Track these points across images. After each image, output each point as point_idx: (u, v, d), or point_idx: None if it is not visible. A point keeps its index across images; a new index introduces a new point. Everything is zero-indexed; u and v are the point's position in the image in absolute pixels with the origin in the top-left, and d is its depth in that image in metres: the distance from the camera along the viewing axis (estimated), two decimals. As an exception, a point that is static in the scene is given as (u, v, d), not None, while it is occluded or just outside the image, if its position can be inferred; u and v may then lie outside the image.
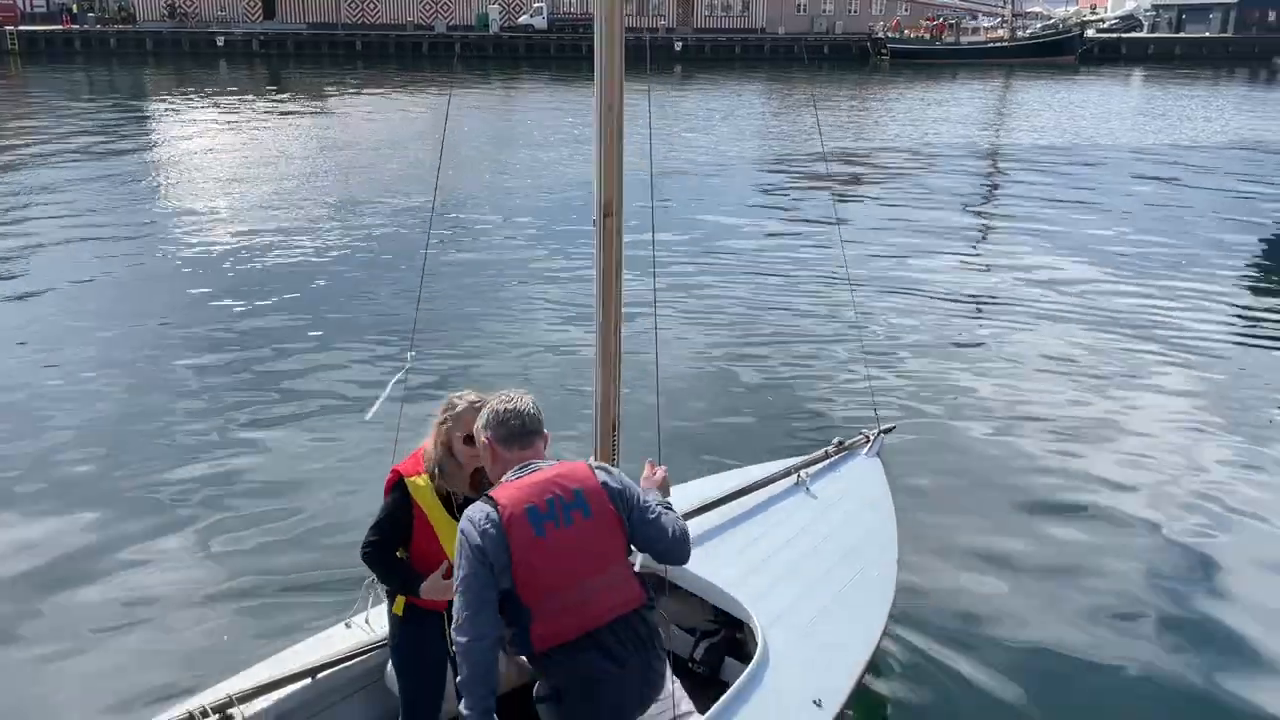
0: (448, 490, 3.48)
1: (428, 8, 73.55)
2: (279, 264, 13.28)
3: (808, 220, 16.96)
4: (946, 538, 6.46)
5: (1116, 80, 54.02)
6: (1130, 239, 15.60)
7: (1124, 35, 74.52)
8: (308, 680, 3.67)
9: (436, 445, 3.47)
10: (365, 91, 40.65)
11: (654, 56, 64.13)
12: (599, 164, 3.79)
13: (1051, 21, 69.00)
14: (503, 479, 3.11)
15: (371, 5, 73.19)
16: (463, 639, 2.87)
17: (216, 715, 3.39)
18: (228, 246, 14.21)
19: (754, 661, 3.78)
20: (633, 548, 3.16)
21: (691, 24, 74.73)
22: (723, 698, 3.60)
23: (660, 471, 3.52)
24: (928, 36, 68.53)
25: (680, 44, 66.26)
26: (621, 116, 3.82)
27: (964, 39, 70.22)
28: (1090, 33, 69.14)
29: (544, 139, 27.17)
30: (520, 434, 3.14)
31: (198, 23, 67.07)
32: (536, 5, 71.60)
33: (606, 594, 3.00)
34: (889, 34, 67.73)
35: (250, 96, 37.08)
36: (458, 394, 3.55)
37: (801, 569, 4.40)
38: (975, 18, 76.07)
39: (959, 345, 10.40)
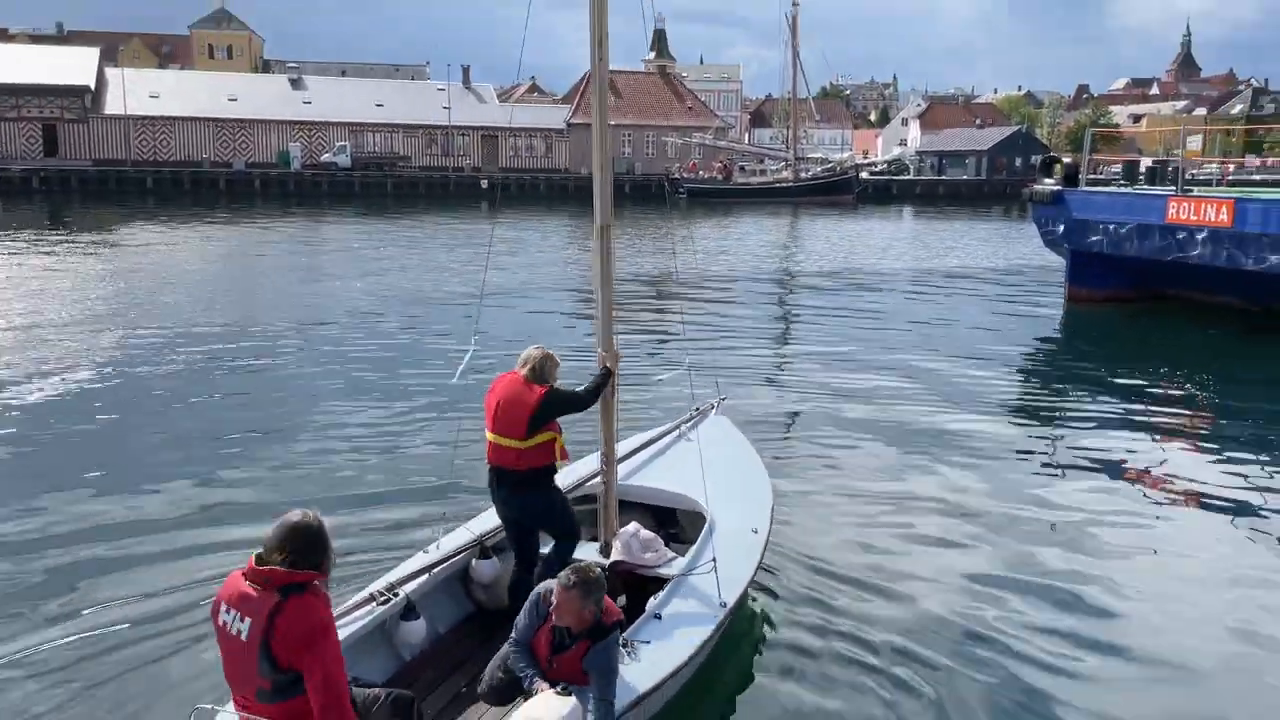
0: None
1: (225, 145, 72.18)
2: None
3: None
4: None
5: (890, 216, 58.85)
6: (910, 347, 16.74)
7: (894, 177, 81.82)
8: (426, 576, 5.43)
9: None
10: (149, 228, 39.02)
11: (461, 193, 65.09)
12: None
13: (830, 165, 74.92)
14: None
15: (164, 142, 71.16)
16: None
17: (388, 593, 5.13)
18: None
19: (708, 521, 5.99)
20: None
21: (497, 163, 76.62)
22: (698, 539, 5.81)
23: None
24: (720, 177, 73.01)
25: (486, 182, 67.54)
26: (610, 232, 5.76)
27: (752, 180, 75.13)
28: (864, 175, 75.49)
29: (350, 269, 26.75)
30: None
31: (-32, 158, 63.14)
32: (340, 144, 71.64)
33: None
34: (685, 175, 71.75)
35: (27, 233, 34.85)
36: None
37: (707, 475, 6.23)
38: (762, 161, 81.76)
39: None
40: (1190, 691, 5.93)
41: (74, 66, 71.03)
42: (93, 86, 70.18)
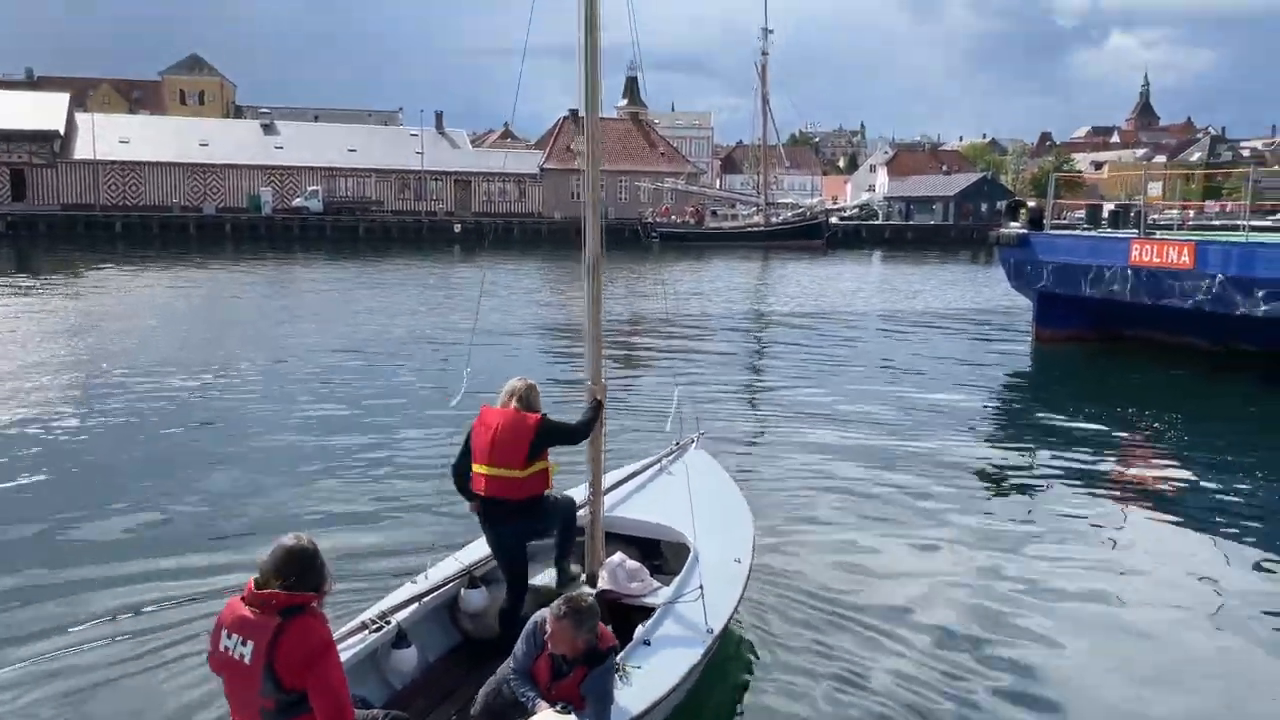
0: None
1: (195, 190, 72.03)
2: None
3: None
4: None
5: (860, 260, 59.58)
6: (882, 386, 16.97)
7: (864, 222, 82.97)
8: (416, 605, 5.52)
9: None
10: (117, 272, 38.84)
11: (432, 237, 65.24)
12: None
13: (801, 209, 75.90)
14: None
15: (134, 187, 70.91)
16: None
17: (379, 621, 5.23)
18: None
19: (692, 552, 6.13)
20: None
21: (470, 208, 76.94)
22: (683, 569, 5.93)
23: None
24: (692, 221, 73.77)
25: (458, 226, 67.76)
26: (600, 268, 6.01)
27: (724, 224, 75.95)
28: (834, 219, 76.51)
29: (322, 311, 26.72)
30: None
31: (-66, 202, 62.55)
32: (311, 189, 71.72)
33: None
34: (657, 219, 72.41)
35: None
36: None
37: (689, 509, 6.25)
38: (734, 206, 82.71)
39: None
40: None
41: (43, 111, 70.82)
42: (62, 131, 69.97)
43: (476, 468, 5.61)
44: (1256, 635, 7.12)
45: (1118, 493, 10.86)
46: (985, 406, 15.81)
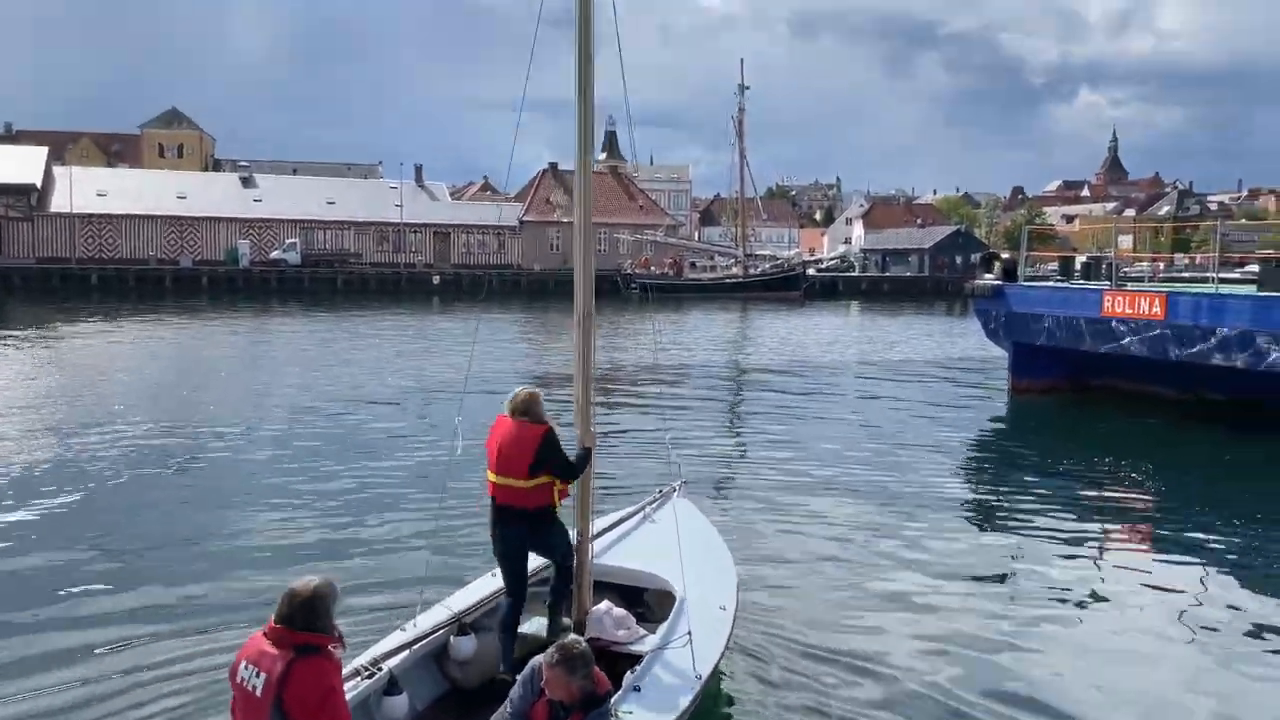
0: None
1: (172, 243, 71.87)
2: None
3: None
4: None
5: (838, 311, 60.02)
6: (860, 435, 17.00)
7: (841, 274, 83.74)
8: (407, 652, 5.53)
9: None
10: (91, 325, 38.52)
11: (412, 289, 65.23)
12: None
13: (779, 261, 76.56)
14: None
15: (110, 240, 70.69)
16: None
17: (371, 667, 5.21)
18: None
19: (678, 599, 6.22)
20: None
21: (449, 260, 77.10)
22: (669, 616, 6.02)
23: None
24: (670, 273, 74.22)
25: (438, 278, 67.83)
26: (591, 319, 6.17)
27: (703, 275, 76.47)
28: (812, 271, 77.19)
29: (296, 362, 26.57)
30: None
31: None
32: (289, 241, 71.72)
33: None
34: (637, 270, 72.76)
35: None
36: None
37: (672, 556, 6.37)
38: (712, 258, 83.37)
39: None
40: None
41: (21, 165, 70.77)
42: (39, 185, 69.86)
43: (489, 474, 5.96)
44: (1233, 673, 7.14)
45: (1097, 538, 10.91)
46: (964, 455, 15.88)
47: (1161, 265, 50.24)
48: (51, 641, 7.24)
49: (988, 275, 23.21)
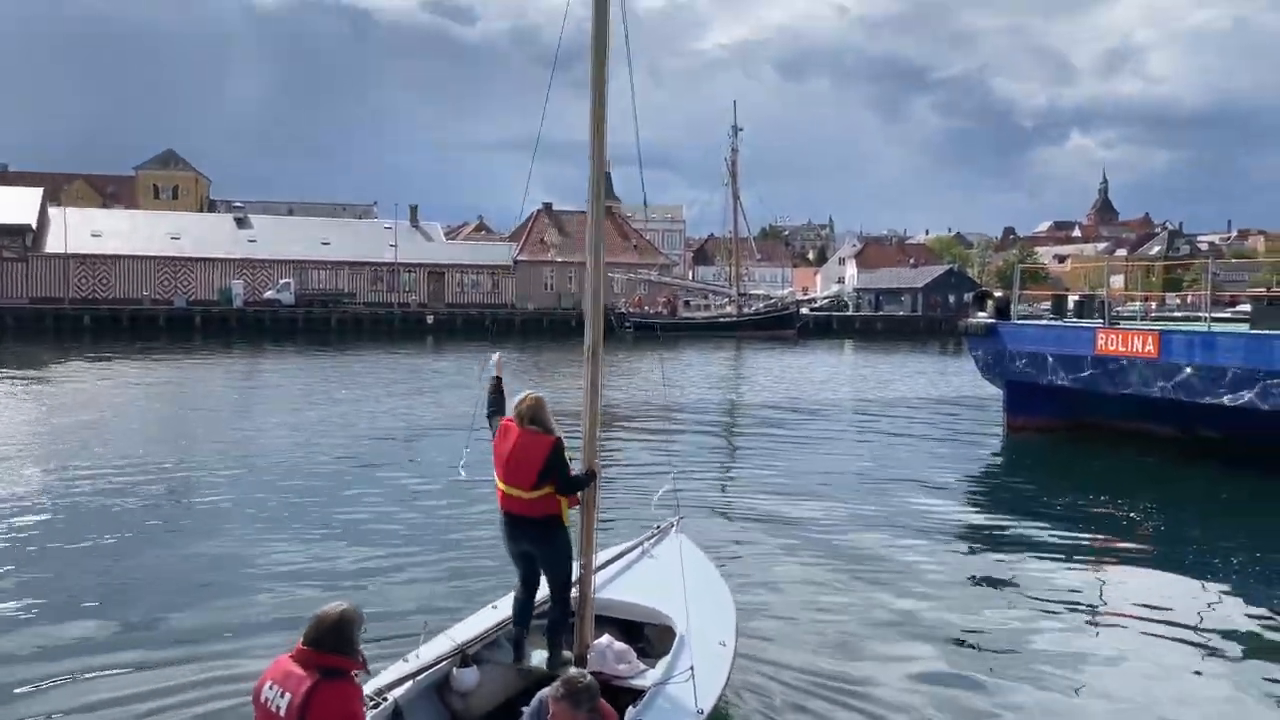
0: None
1: (166, 283, 71.90)
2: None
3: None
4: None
5: (832, 350, 60.12)
6: (856, 473, 16.94)
7: (834, 313, 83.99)
8: (410, 683, 5.55)
9: None
10: (83, 365, 38.42)
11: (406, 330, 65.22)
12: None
13: (773, 300, 76.91)
14: None
15: (104, 280, 70.70)
16: None
17: (377, 698, 5.17)
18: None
19: (678, 635, 6.20)
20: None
21: (444, 299, 77.20)
22: (670, 651, 6.02)
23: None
24: (665, 312, 74.42)
25: (432, 318, 67.87)
26: (600, 353, 6.21)
27: (697, 314, 76.68)
28: (805, 310, 77.46)
29: (286, 403, 26.46)
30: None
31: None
32: (283, 281, 71.80)
33: None
34: (630, 309, 72.95)
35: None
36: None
37: (672, 592, 6.49)
38: (706, 297, 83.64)
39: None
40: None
41: (16, 206, 70.94)
42: (34, 225, 69.99)
43: (498, 483, 6.05)
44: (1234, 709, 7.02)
45: (1093, 575, 10.88)
46: (960, 493, 15.81)
47: (1154, 304, 50.45)
48: (55, 668, 7.20)
49: (981, 314, 23.25)
